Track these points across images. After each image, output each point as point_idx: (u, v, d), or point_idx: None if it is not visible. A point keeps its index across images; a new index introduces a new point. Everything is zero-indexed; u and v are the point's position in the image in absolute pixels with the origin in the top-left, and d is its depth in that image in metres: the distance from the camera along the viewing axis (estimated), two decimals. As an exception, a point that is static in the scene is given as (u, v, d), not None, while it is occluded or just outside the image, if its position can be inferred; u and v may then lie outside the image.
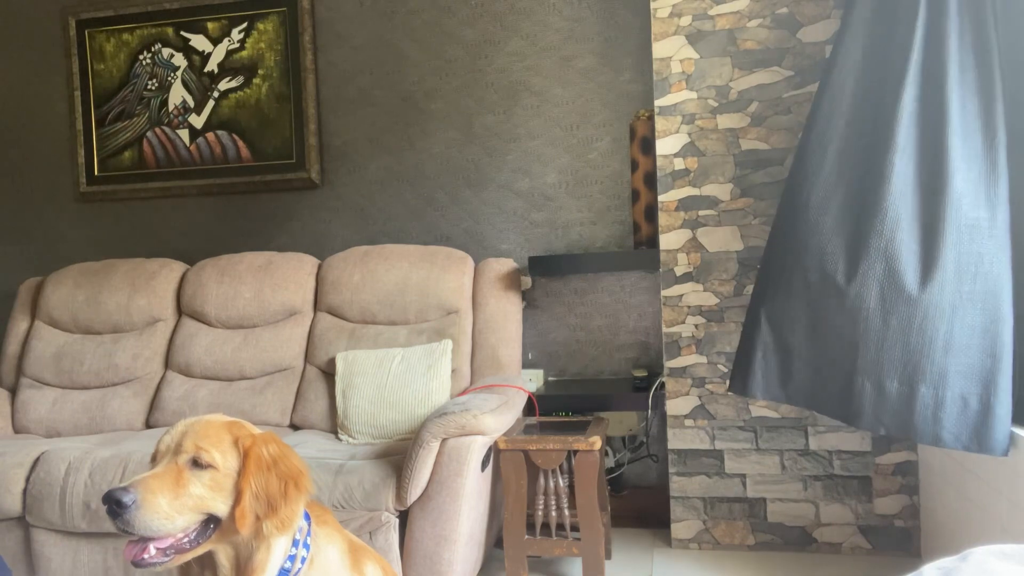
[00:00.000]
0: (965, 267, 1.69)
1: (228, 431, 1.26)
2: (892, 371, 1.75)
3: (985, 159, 1.69)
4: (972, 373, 1.69)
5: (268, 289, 2.69)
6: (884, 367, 1.76)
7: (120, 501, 1.13)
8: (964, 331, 1.69)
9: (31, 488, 2.10)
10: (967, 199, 1.68)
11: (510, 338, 2.55)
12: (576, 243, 2.79)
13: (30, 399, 2.71)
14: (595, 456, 2.07)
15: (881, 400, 1.77)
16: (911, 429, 1.74)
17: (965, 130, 1.70)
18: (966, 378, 1.69)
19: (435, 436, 1.93)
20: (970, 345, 1.69)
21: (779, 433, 2.37)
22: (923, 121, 1.77)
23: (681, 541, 2.44)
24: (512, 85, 2.82)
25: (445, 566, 1.93)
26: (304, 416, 2.53)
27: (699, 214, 2.41)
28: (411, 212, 2.93)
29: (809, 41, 2.32)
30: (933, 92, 1.75)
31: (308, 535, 1.31)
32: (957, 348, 1.69)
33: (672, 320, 2.43)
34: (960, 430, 1.70)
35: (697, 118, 2.40)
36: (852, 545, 2.33)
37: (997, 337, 1.68)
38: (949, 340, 1.70)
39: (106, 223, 3.20)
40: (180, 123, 3.08)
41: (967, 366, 1.69)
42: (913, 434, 1.74)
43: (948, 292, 1.69)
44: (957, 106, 1.70)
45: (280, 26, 2.99)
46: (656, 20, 2.41)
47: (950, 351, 1.70)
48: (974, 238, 1.69)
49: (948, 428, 1.70)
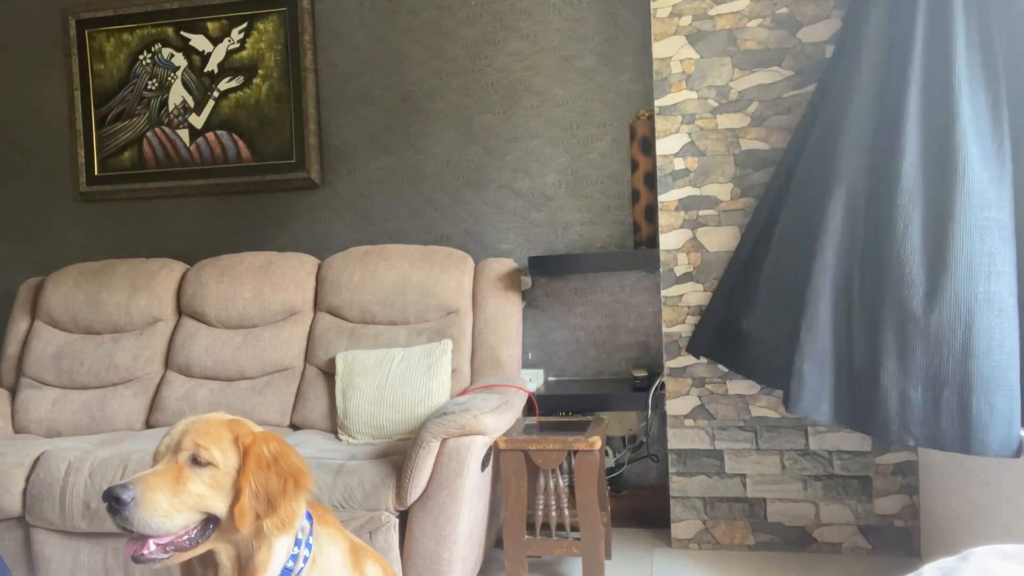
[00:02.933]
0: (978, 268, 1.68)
1: (228, 429, 1.26)
2: (916, 380, 1.73)
3: (996, 158, 1.69)
4: (994, 377, 1.67)
5: (268, 289, 2.69)
6: (909, 376, 1.74)
7: (119, 498, 1.13)
8: (982, 334, 1.68)
9: (31, 488, 2.10)
10: (977, 199, 1.68)
11: (510, 338, 2.55)
12: (576, 243, 2.79)
13: (30, 399, 2.71)
14: (595, 456, 2.07)
15: (907, 409, 1.75)
16: (940, 438, 1.72)
17: (978, 130, 1.70)
18: (990, 382, 1.67)
19: (435, 436, 1.93)
20: (990, 347, 1.68)
21: (779, 433, 2.37)
22: (930, 122, 1.76)
23: (681, 541, 2.44)
24: (512, 85, 2.82)
25: (445, 566, 1.93)
26: (304, 416, 2.53)
27: (699, 214, 2.41)
28: (411, 212, 2.93)
29: (809, 41, 2.32)
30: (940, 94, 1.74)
31: (310, 535, 1.31)
32: (977, 352, 1.68)
33: (672, 320, 2.43)
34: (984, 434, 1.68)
35: (697, 118, 2.40)
36: (852, 545, 2.33)
37: (1009, 337, 1.67)
38: (967, 344, 1.68)
39: (106, 223, 3.20)
40: (180, 123, 3.08)
41: (989, 369, 1.68)
42: (943, 443, 1.72)
43: (962, 294, 1.68)
44: (968, 107, 1.70)
45: (280, 26, 2.99)
46: (656, 20, 2.41)
47: (969, 355, 1.68)
48: (985, 239, 1.68)
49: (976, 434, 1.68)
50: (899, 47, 1.83)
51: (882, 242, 1.81)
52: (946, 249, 1.70)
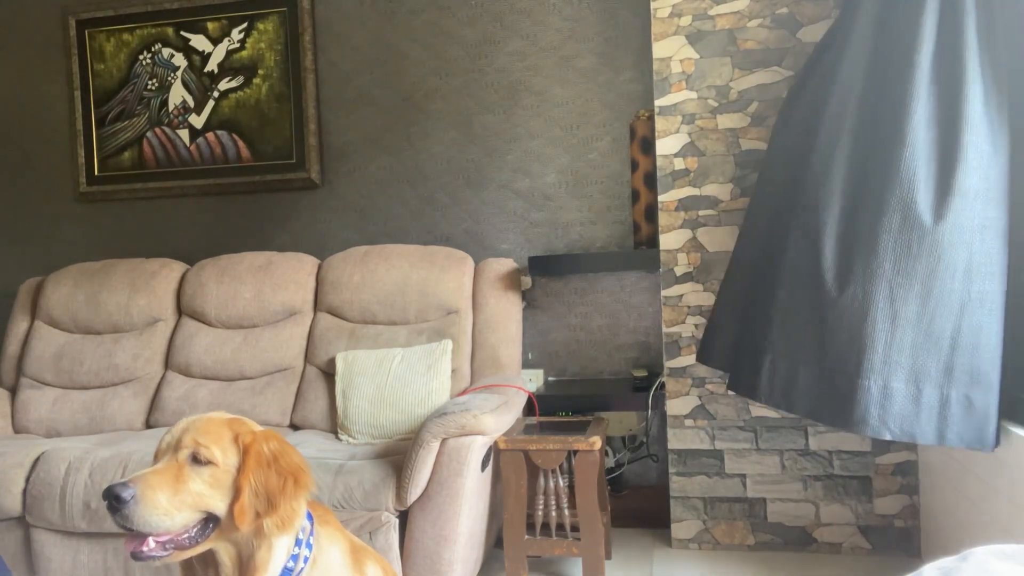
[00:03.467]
0: (977, 267, 1.68)
1: (228, 428, 1.26)
2: (899, 372, 1.74)
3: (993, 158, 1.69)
4: (976, 372, 1.69)
5: (268, 289, 2.69)
6: (892, 368, 1.75)
7: (119, 496, 1.13)
8: (971, 330, 1.69)
9: (31, 488, 2.10)
10: (981, 197, 1.68)
11: (510, 338, 2.55)
12: (576, 243, 2.79)
13: (30, 399, 2.71)
14: (595, 456, 2.07)
15: (887, 402, 1.76)
16: (917, 431, 1.73)
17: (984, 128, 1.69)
18: (971, 377, 1.69)
19: (435, 436, 1.93)
20: (976, 344, 1.69)
21: (779, 433, 2.37)
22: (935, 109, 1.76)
23: (681, 541, 2.44)
24: (512, 85, 2.82)
25: (445, 566, 1.93)
26: (304, 416, 2.53)
27: (699, 214, 2.41)
28: (411, 212, 2.93)
29: (809, 41, 2.32)
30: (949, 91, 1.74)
31: (311, 535, 1.31)
32: (963, 347, 1.69)
33: (672, 320, 2.43)
34: (963, 429, 1.70)
35: (697, 118, 2.40)
36: (852, 545, 2.33)
37: (995, 335, 1.69)
38: (956, 339, 1.69)
39: (106, 223, 3.20)
40: (180, 123, 3.09)
41: (971, 365, 1.69)
42: (919, 436, 1.73)
43: (958, 289, 1.69)
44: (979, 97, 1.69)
45: (280, 26, 2.99)
46: (656, 20, 2.41)
47: (957, 349, 1.70)
48: (985, 237, 1.68)
49: (953, 427, 1.70)
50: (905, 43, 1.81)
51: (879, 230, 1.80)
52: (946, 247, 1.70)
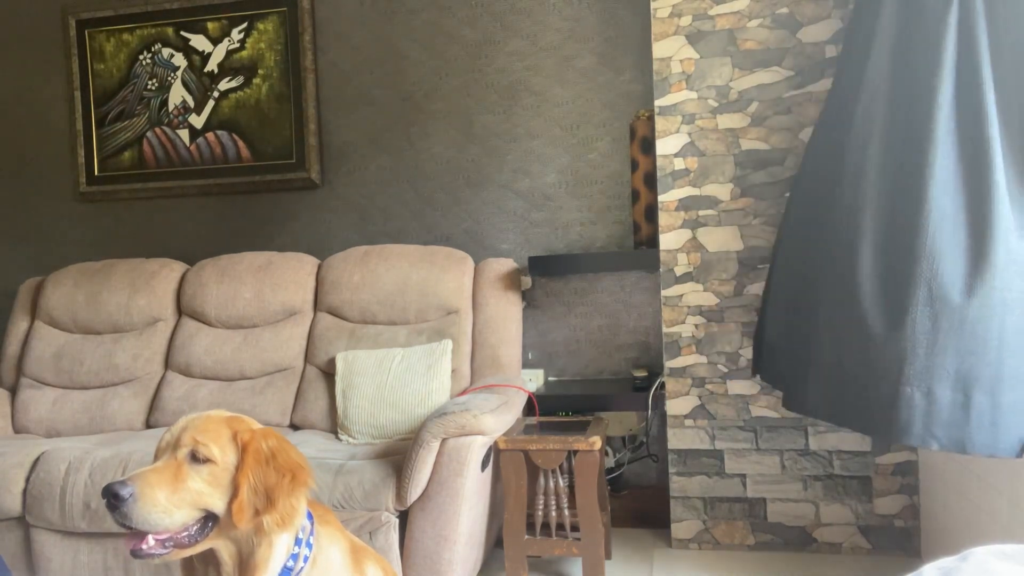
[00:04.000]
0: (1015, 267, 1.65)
1: (227, 426, 1.26)
2: (944, 379, 1.69)
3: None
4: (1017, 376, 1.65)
5: (268, 289, 2.69)
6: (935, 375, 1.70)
7: (118, 494, 1.13)
8: (1012, 334, 1.65)
9: (31, 488, 2.10)
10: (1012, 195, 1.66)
11: (510, 338, 2.55)
12: (576, 243, 2.79)
13: (30, 399, 2.71)
14: (595, 456, 2.07)
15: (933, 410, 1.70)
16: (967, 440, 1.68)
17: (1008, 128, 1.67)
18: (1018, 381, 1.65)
19: (435, 436, 1.93)
20: (1019, 347, 1.65)
21: (779, 433, 2.36)
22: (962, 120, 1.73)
23: (681, 541, 2.44)
24: (512, 85, 2.82)
25: (445, 566, 1.92)
26: (304, 416, 2.53)
27: (699, 214, 2.41)
28: (411, 212, 2.93)
29: (809, 41, 2.32)
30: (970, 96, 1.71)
31: (311, 535, 1.31)
32: (1008, 351, 1.65)
33: (672, 320, 2.43)
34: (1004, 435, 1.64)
35: (697, 118, 2.40)
36: (852, 545, 2.33)
37: None
38: (1001, 343, 1.65)
39: (106, 223, 3.20)
40: (180, 123, 3.09)
41: (1015, 369, 1.65)
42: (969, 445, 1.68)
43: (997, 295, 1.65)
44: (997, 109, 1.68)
45: (280, 26, 2.99)
46: (656, 20, 2.41)
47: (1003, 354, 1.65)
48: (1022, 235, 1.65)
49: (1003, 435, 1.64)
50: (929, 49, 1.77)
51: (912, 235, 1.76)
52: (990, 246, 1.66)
